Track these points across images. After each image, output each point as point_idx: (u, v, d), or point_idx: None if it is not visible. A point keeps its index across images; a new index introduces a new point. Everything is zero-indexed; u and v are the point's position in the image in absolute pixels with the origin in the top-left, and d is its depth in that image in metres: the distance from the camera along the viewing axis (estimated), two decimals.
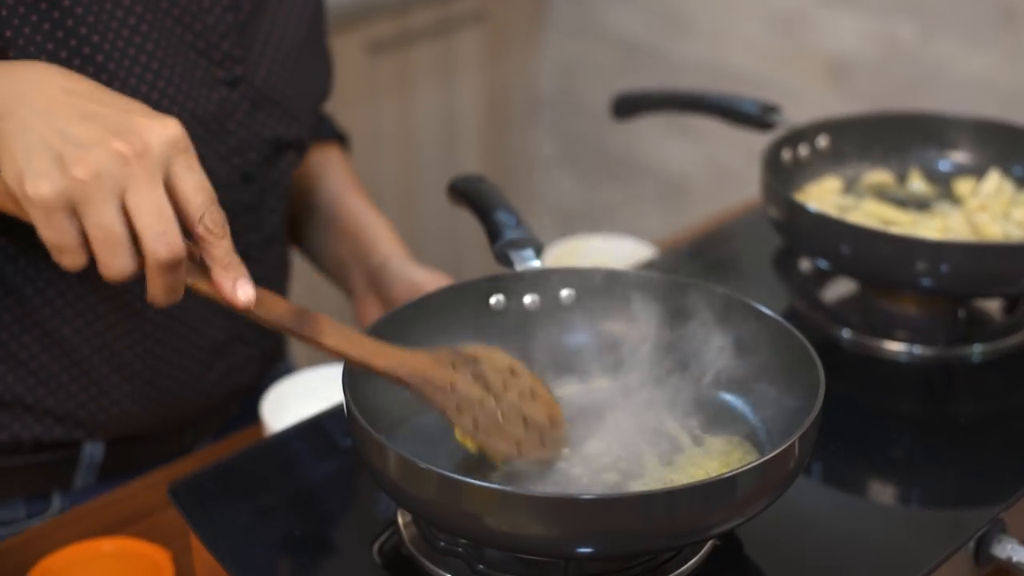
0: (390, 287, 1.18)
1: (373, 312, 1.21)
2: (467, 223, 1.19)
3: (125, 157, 0.71)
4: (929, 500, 0.95)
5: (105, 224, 0.72)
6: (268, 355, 1.21)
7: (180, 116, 1.00)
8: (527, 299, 0.95)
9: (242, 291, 0.76)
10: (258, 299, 0.77)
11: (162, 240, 0.72)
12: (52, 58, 0.93)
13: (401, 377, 0.81)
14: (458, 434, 0.82)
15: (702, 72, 2.44)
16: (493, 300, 0.94)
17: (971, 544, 0.86)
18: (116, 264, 0.73)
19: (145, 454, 1.14)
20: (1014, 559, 0.87)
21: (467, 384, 0.83)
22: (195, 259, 0.76)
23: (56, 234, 0.72)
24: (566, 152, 2.80)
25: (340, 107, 1.66)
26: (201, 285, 0.76)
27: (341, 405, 0.98)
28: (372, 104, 2.35)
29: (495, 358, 0.86)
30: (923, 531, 0.89)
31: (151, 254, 0.72)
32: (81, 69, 0.94)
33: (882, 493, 0.97)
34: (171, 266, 0.73)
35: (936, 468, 0.96)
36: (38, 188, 0.71)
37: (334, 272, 1.29)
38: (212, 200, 0.74)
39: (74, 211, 0.72)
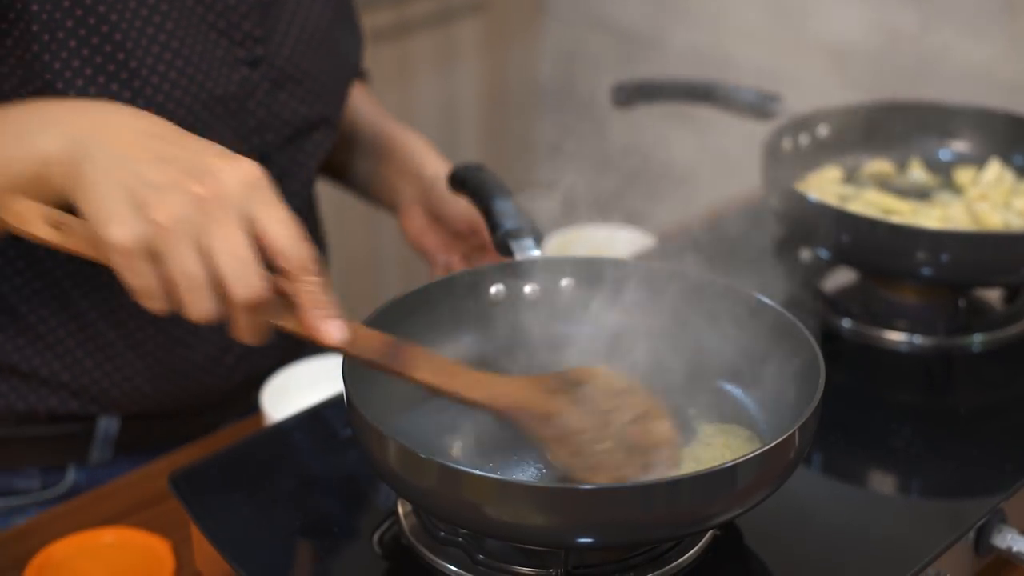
0: (443, 203, 1.20)
1: (417, 221, 1.23)
2: None
3: (202, 200, 0.72)
4: (929, 490, 0.95)
5: (185, 269, 0.72)
6: (290, 342, 1.21)
7: (199, 95, 1.00)
8: (527, 288, 0.95)
9: (334, 330, 0.76)
10: (351, 336, 0.76)
11: (242, 282, 0.72)
12: (72, 35, 0.93)
13: (498, 410, 0.80)
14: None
15: (702, 61, 2.43)
16: (493, 290, 0.94)
17: (971, 534, 0.86)
18: (199, 307, 0.73)
19: (162, 432, 1.15)
20: (1014, 549, 0.87)
21: (567, 412, 0.81)
22: (284, 296, 0.75)
23: (138, 279, 0.73)
24: (566, 141, 2.79)
25: None
26: (289, 323, 0.75)
27: (341, 395, 0.98)
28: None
29: (605, 379, 0.83)
30: (923, 521, 0.89)
31: (232, 296, 0.73)
32: (100, 48, 0.94)
33: (882, 483, 0.97)
34: (253, 307, 0.73)
35: (936, 458, 0.96)
36: (118, 234, 0.72)
37: (380, 191, 1.30)
38: (297, 236, 0.74)
39: (155, 256, 0.73)
